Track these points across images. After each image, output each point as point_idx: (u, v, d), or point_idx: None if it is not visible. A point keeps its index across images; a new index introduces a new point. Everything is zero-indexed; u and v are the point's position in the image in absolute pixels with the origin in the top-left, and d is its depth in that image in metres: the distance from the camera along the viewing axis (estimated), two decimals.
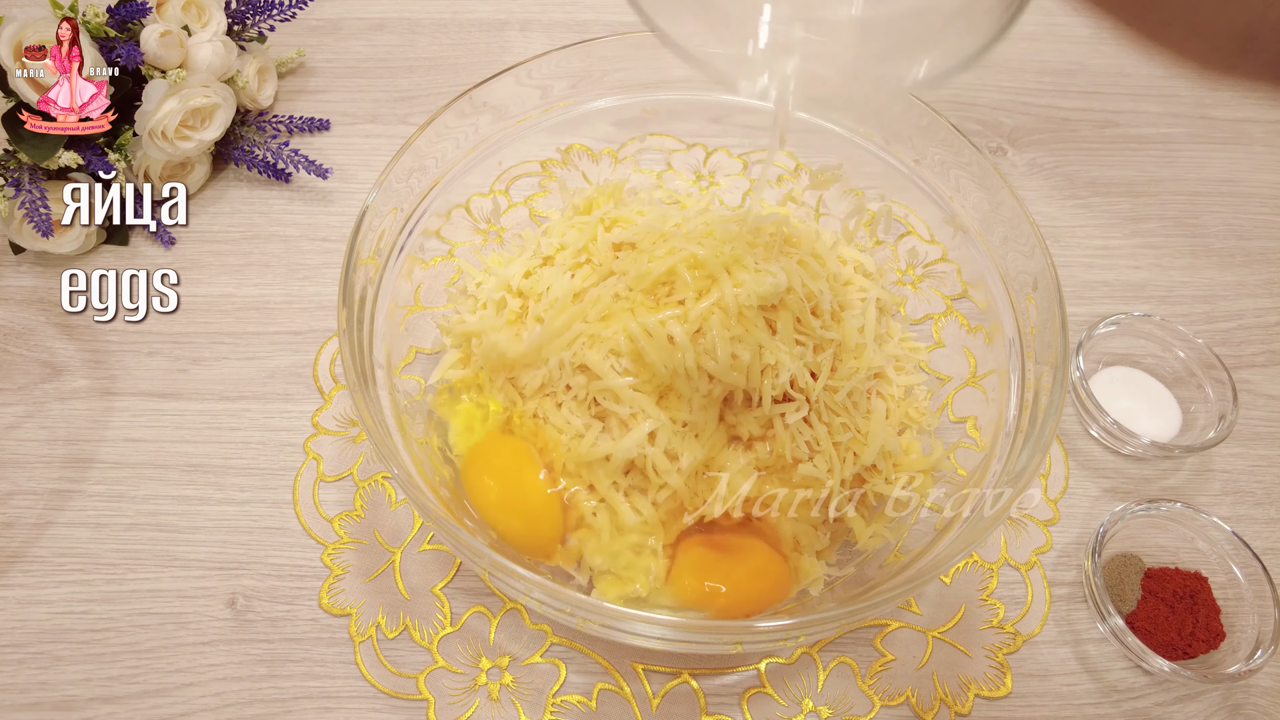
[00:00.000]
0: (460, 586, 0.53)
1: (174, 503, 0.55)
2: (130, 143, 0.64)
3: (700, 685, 0.50)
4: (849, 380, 0.49)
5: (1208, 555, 0.53)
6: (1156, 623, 0.51)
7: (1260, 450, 0.60)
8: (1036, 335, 0.48)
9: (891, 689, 0.50)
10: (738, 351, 0.46)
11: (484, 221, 0.61)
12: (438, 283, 0.57)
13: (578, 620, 0.42)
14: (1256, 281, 0.67)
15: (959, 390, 0.55)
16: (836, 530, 0.51)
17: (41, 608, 0.52)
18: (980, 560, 0.54)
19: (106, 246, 0.66)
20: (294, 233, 0.67)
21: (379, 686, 0.50)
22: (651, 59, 0.56)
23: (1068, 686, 0.51)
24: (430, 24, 0.79)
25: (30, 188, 0.61)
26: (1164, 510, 0.54)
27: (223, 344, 0.62)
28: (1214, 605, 0.51)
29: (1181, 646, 0.50)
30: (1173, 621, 0.51)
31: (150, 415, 0.59)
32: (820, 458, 0.48)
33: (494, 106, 0.55)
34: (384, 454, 0.43)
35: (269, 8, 0.71)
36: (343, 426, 0.58)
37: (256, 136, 0.70)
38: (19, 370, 0.60)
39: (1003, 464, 0.46)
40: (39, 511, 0.55)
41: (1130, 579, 0.53)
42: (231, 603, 0.52)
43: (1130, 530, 0.54)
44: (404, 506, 0.55)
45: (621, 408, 0.47)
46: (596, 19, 0.80)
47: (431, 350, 0.57)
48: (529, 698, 0.49)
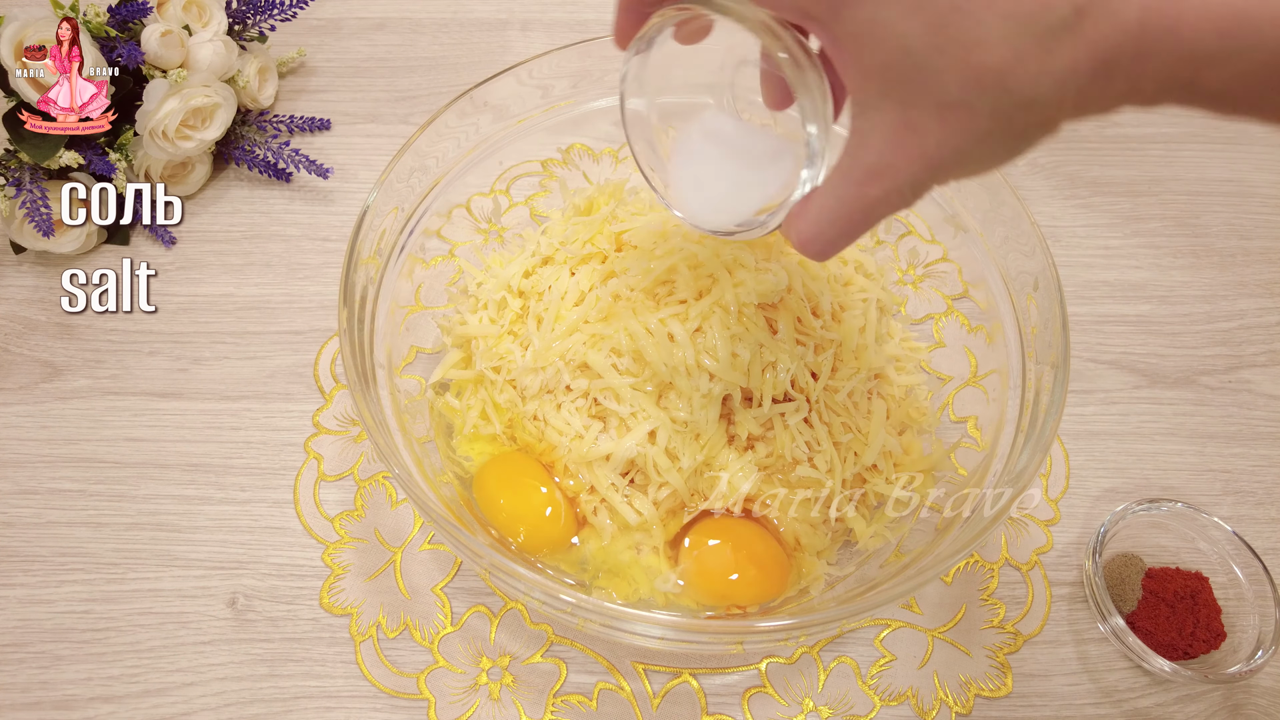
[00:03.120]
0: (461, 586, 0.53)
1: (175, 502, 0.55)
2: (131, 142, 0.64)
3: (701, 685, 0.50)
4: (849, 381, 0.49)
5: (1208, 555, 0.53)
6: (1157, 623, 0.51)
7: (1261, 450, 0.59)
8: (1037, 335, 0.48)
9: (892, 689, 0.50)
10: (738, 350, 0.46)
11: (485, 221, 0.61)
12: (439, 282, 0.57)
13: (578, 620, 0.42)
14: (1258, 281, 0.67)
15: (959, 390, 0.55)
16: (837, 530, 0.51)
17: (42, 607, 0.52)
18: (981, 560, 0.54)
19: (107, 246, 0.66)
20: (295, 232, 0.67)
21: (380, 686, 0.50)
22: None
23: (1068, 687, 0.51)
24: (431, 24, 0.79)
25: (31, 187, 0.61)
26: (1165, 510, 0.54)
27: (223, 343, 0.62)
28: (1215, 605, 0.51)
29: (1182, 646, 0.50)
30: (1173, 621, 0.51)
31: (151, 415, 0.59)
32: (820, 458, 0.48)
33: (495, 106, 0.55)
34: (384, 453, 0.43)
35: (270, 7, 0.71)
36: (343, 426, 0.58)
37: (257, 136, 0.70)
38: (20, 370, 0.60)
39: (1003, 464, 0.46)
40: (39, 511, 0.55)
41: (1131, 579, 0.53)
42: (232, 602, 0.52)
43: (1131, 530, 0.54)
44: (405, 506, 0.55)
45: (622, 407, 0.47)
46: (597, 18, 0.80)
47: (432, 350, 0.57)
48: (530, 697, 0.49)
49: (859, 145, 0.31)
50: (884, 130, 0.30)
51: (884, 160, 0.31)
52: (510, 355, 0.51)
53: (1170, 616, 0.51)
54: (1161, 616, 0.51)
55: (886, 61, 0.29)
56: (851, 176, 0.32)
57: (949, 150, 0.30)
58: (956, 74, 0.28)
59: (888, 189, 0.31)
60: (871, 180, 0.31)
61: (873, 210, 0.32)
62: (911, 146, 0.30)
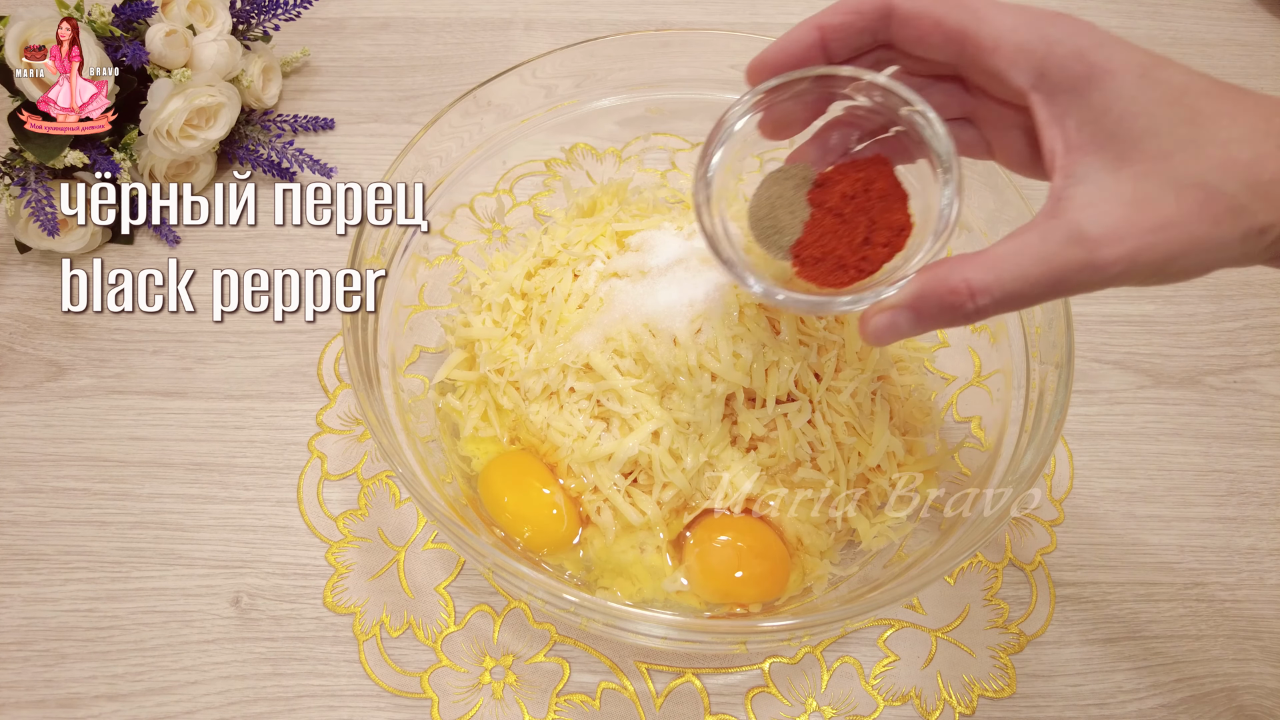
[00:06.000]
0: (464, 585, 0.53)
1: (178, 501, 0.56)
2: (136, 142, 0.64)
3: (704, 684, 0.50)
4: (852, 381, 0.49)
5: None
6: (824, 245, 0.38)
7: (1266, 450, 0.59)
8: (1041, 335, 0.48)
9: (895, 689, 0.50)
10: (739, 350, 0.46)
11: (488, 221, 0.61)
12: (442, 282, 0.57)
13: (581, 619, 0.42)
14: (1263, 281, 0.67)
15: (963, 390, 0.55)
16: (840, 530, 0.51)
17: (47, 605, 0.52)
18: (985, 560, 0.54)
19: (112, 245, 0.66)
20: (298, 232, 0.67)
21: (383, 685, 0.50)
22: (655, 58, 0.56)
23: (1072, 687, 0.51)
24: (434, 23, 0.79)
25: (36, 186, 0.61)
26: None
27: (227, 343, 0.62)
28: (898, 191, 0.38)
29: (854, 264, 0.38)
30: (843, 235, 0.38)
31: (155, 414, 0.59)
32: (824, 458, 0.48)
33: (498, 105, 0.55)
34: (388, 453, 0.43)
35: (274, 7, 0.71)
36: (347, 425, 0.58)
37: (261, 136, 0.70)
38: (24, 369, 0.60)
39: (1007, 464, 0.46)
40: (44, 510, 0.55)
41: (790, 200, 0.40)
42: (236, 601, 0.52)
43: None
44: (408, 505, 0.55)
45: (624, 408, 0.47)
46: (600, 18, 0.80)
47: (436, 349, 0.57)
48: (533, 696, 0.49)
49: (1070, 209, 0.31)
50: (1112, 199, 0.31)
51: (1107, 226, 0.30)
52: (514, 358, 0.51)
53: (840, 229, 0.39)
54: (830, 232, 0.39)
55: (1132, 137, 0.31)
56: (1057, 236, 0.31)
57: (1181, 229, 0.30)
58: (1205, 158, 0.30)
59: (1102, 258, 0.30)
60: (1086, 244, 0.31)
61: (1072, 277, 0.31)
62: (1145, 218, 0.30)
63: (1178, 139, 0.30)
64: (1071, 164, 0.32)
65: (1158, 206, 0.30)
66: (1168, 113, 0.30)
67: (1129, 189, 0.30)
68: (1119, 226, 0.30)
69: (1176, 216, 0.30)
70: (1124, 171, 0.31)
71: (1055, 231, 0.31)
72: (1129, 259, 0.30)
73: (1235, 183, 0.30)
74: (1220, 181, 0.30)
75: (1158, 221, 0.30)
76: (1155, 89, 0.30)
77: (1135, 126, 0.31)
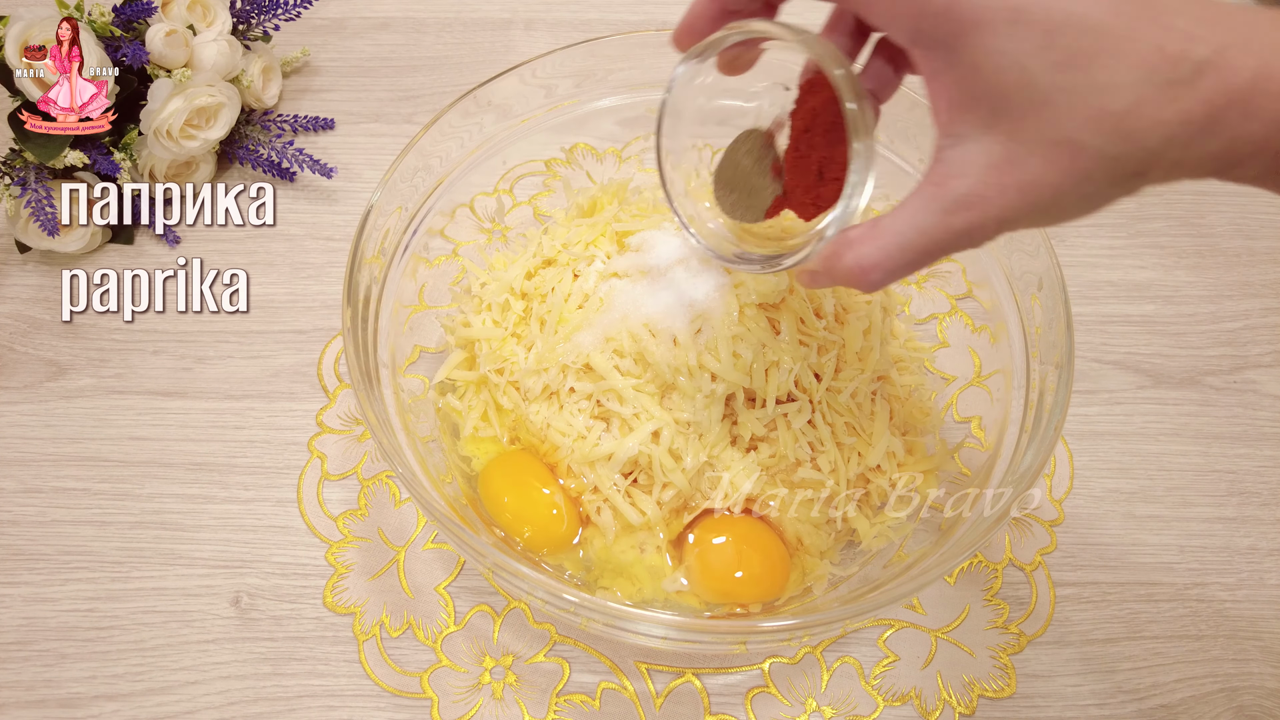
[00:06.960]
0: (464, 585, 0.53)
1: (178, 501, 0.56)
2: (136, 142, 0.64)
3: (704, 684, 0.50)
4: (852, 381, 0.49)
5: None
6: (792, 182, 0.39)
7: (1267, 451, 0.59)
8: (1041, 335, 0.48)
9: (895, 689, 0.50)
10: (739, 350, 0.46)
11: (488, 221, 0.61)
12: (442, 282, 0.57)
13: (581, 619, 0.42)
14: (1263, 281, 0.67)
15: (963, 390, 0.55)
16: (840, 530, 0.51)
17: (46, 605, 0.52)
18: (985, 560, 0.54)
19: (112, 245, 0.66)
20: (298, 232, 0.67)
21: (383, 685, 0.50)
22: (656, 58, 0.56)
23: (1072, 687, 0.51)
24: (434, 23, 0.79)
25: (36, 186, 0.61)
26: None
27: (227, 343, 0.62)
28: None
29: (812, 202, 0.39)
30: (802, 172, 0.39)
31: (155, 414, 0.59)
32: (824, 458, 0.48)
33: (498, 105, 0.55)
34: (388, 453, 0.43)
35: (274, 7, 0.71)
36: (347, 425, 0.58)
37: (261, 135, 0.70)
38: (24, 369, 0.60)
39: (1008, 464, 0.46)
40: (44, 510, 0.55)
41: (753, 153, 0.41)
42: (236, 601, 0.52)
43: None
44: (408, 505, 0.55)
45: (624, 408, 0.47)
46: (601, 18, 0.80)
47: (436, 349, 0.57)
48: (532, 696, 0.49)
49: (946, 175, 0.31)
50: (982, 162, 0.30)
51: (976, 192, 0.30)
52: (514, 358, 0.51)
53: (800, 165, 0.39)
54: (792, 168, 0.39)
55: (1001, 92, 0.29)
56: (934, 205, 0.31)
57: (1048, 187, 0.30)
58: (1075, 112, 0.28)
59: (973, 221, 0.31)
60: (958, 210, 0.31)
61: (951, 242, 0.32)
62: (1010, 180, 0.30)
63: (1050, 88, 0.28)
64: (952, 122, 0.31)
65: (1024, 166, 0.29)
66: (1039, 60, 0.28)
67: (999, 150, 0.30)
68: (987, 190, 0.30)
69: (1042, 175, 0.29)
70: (996, 130, 0.30)
71: (934, 201, 0.31)
72: (998, 220, 0.31)
73: (1104, 137, 0.28)
74: (1089, 138, 0.28)
75: (1024, 180, 0.30)
76: (1027, 35, 0.28)
77: (1006, 81, 0.29)
